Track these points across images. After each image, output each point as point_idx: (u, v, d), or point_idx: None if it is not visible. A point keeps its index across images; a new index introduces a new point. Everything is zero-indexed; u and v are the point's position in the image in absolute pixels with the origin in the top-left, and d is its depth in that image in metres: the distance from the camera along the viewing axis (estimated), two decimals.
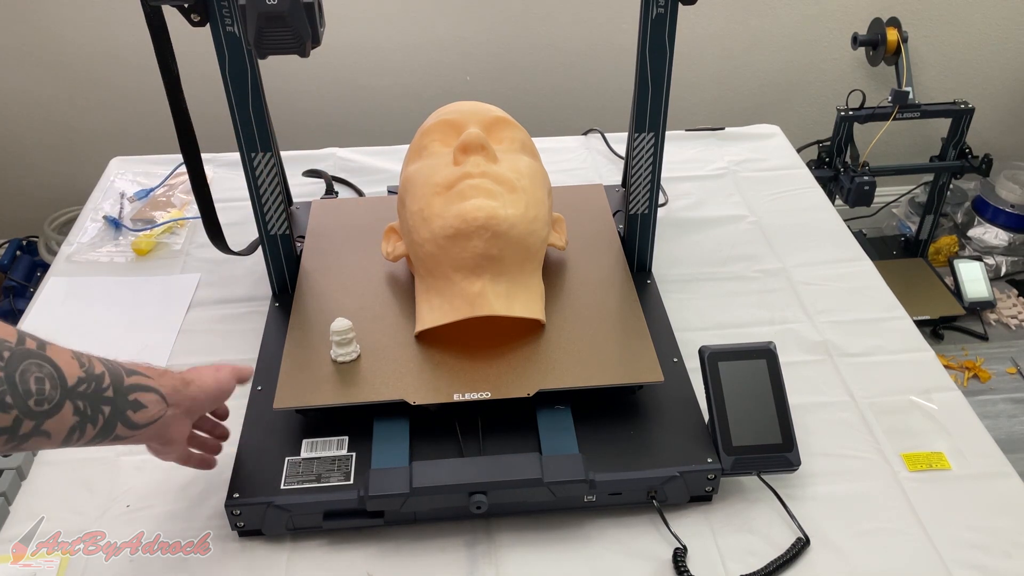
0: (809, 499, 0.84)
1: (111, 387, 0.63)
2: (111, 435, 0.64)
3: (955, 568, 0.77)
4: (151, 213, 1.29)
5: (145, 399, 0.66)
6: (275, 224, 1.01)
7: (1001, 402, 1.92)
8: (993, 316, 2.15)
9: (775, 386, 0.83)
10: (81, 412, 0.61)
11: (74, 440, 0.62)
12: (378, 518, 0.80)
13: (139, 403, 0.66)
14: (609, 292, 0.98)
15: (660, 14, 0.90)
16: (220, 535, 0.81)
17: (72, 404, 0.60)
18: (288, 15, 0.73)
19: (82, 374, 0.61)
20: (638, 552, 0.79)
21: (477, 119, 0.99)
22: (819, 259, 1.17)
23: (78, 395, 0.61)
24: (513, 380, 0.85)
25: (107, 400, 0.63)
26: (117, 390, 0.64)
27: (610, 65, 2.08)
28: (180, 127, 0.93)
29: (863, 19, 2.10)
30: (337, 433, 0.84)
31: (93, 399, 0.62)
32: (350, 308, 0.95)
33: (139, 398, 0.66)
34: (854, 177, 1.97)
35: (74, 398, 0.60)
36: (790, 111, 2.24)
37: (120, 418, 0.64)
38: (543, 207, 0.94)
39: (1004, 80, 2.26)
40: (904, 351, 1.02)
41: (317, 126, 2.10)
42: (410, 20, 1.98)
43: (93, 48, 1.96)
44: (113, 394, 0.64)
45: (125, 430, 0.65)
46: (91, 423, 0.62)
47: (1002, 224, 2.27)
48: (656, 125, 0.98)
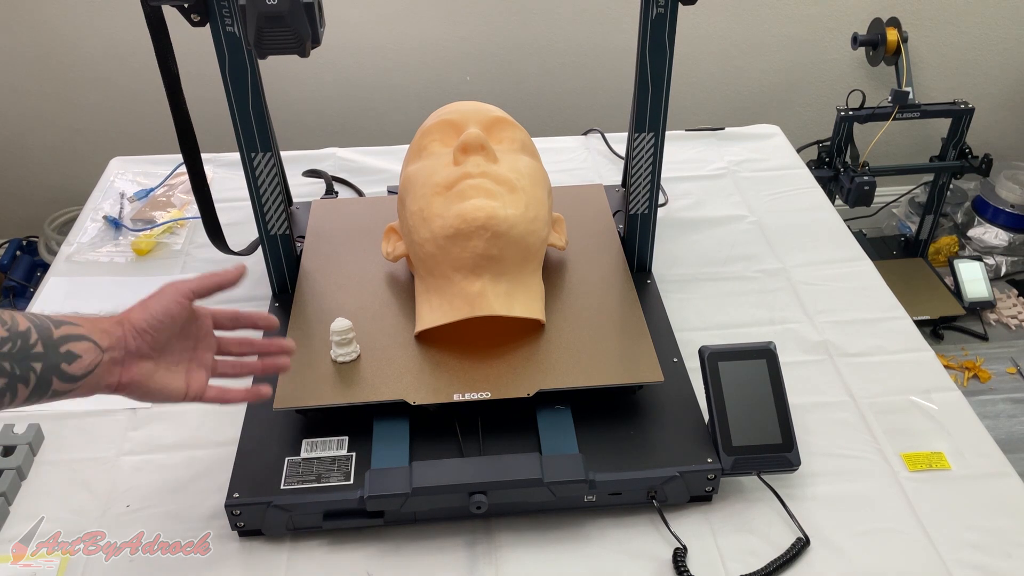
0: (809, 499, 0.84)
1: (39, 342, 0.61)
2: (48, 391, 0.62)
3: (955, 568, 0.77)
4: (151, 213, 1.29)
5: (78, 348, 0.63)
6: (275, 224, 1.01)
7: (1001, 402, 1.92)
8: (993, 316, 2.15)
9: (775, 386, 0.83)
10: (8, 373, 0.59)
11: (6, 403, 0.59)
12: (378, 518, 0.80)
13: (72, 353, 0.63)
14: (609, 292, 0.98)
15: (660, 14, 0.90)
16: (220, 535, 0.81)
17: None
18: (288, 15, 0.73)
19: (4, 333, 0.59)
20: (638, 552, 0.79)
21: (477, 119, 0.99)
22: (819, 259, 1.17)
23: (3, 356, 0.58)
24: (513, 380, 0.85)
25: (36, 356, 0.61)
26: (47, 344, 0.62)
27: (610, 65, 2.08)
28: (180, 127, 0.93)
29: (863, 19, 2.10)
30: (337, 433, 0.84)
31: (20, 358, 0.60)
32: (350, 308, 0.95)
33: (72, 348, 0.63)
34: (854, 177, 1.97)
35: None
36: (790, 111, 2.24)
37: (54, 372, 0.62)
38: (543, 207, 0.94)
39: (1004, 80, 2.26)
40: (904, 351, 1.02)
41: (317, 126, 2.10)
42: (410, 20, 1.98)
43: (93, 48, 1.96)
44: (43, 348, 0.61)
45: (62, 384, 0.63)
46: (22, 382, 0.60)
47: (1002, 224, 2.27)
48: (656, 125, 0.98)
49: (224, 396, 0.74)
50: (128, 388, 0.68)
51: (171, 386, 0.71)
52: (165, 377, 0.70)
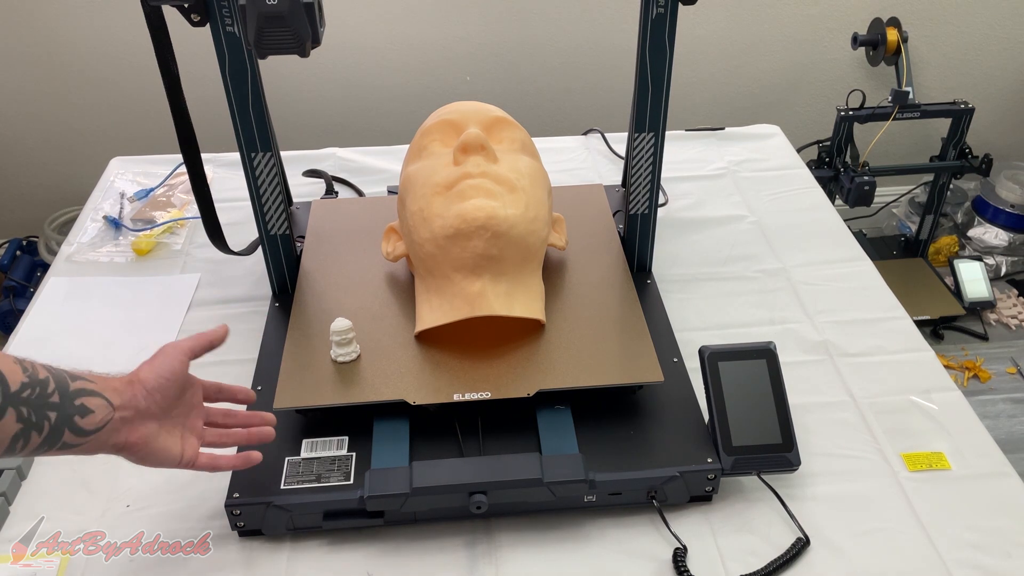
0: (809, 499, 0.84)
1: (56, 392, 0.61)
2: (59, 443, 0.62)
3: (955, 568, 0.77)
4: (151, 213, 1.29)
5: (91, 404, 0.64)
6: (275, 224, 1.01)
7: (1001, 402, 1.92)
8: (993, 316, 2.15)
9: (775, 386, 0.83)
10: (25, 419, 0.59)
11: (18, 449, 0.59)
12: (378, 518, 0.80)
13: (86, 408, 0.63)
14: (609, 292, 0.98)
15: (660, 14, 0.90)
16: (220, 535, 0.81)
17: (15, 411, 0.58)
18: (288, 15, 0.73)
19: (25, 379, 0.59)
20: (638, 552, 0.79)
21: (477, 119, 0.99)
22: (819, 259, 1.17)
23: (21, 401, 0.58)
24: (513, 380, 0.85)
25: (52, 406, 0.61)
26: (63, 395, 0.62)
27: (610, 65, 2.08)
28: (180, 127, 0.93)
29: (863, 19, 2.10)
30: (337, 433, 0.84)
31: (37, 405, 0.60)
32: (350, 308, 0.95)
33: (85, 403, 0.63)
34: (854, 177, 1.97)
35: (17, 404, 0.58)
36: (790, 111, 2.24)
37: (67, 424, 0.62)
38: (543, 207, 0.94)
39: (1004, 80, 2.26)
40: (904, 351, 1.02)
41: (317, 126, 2.10)
42: (410, 20, 1.98)
43: (93, 48, 1.96)
44: (59, 399, 0.61)
45: (73, 437, 0.63)
46: (36, 430, 0.60)
47: (1002, 224, 2.27)
48: (656, 125, 0.98)
49: (215, 463, 0.74)
50: (131, 448, 0.68)
51: (170, 450, 0.71)
52: (166, 440, 0.70)
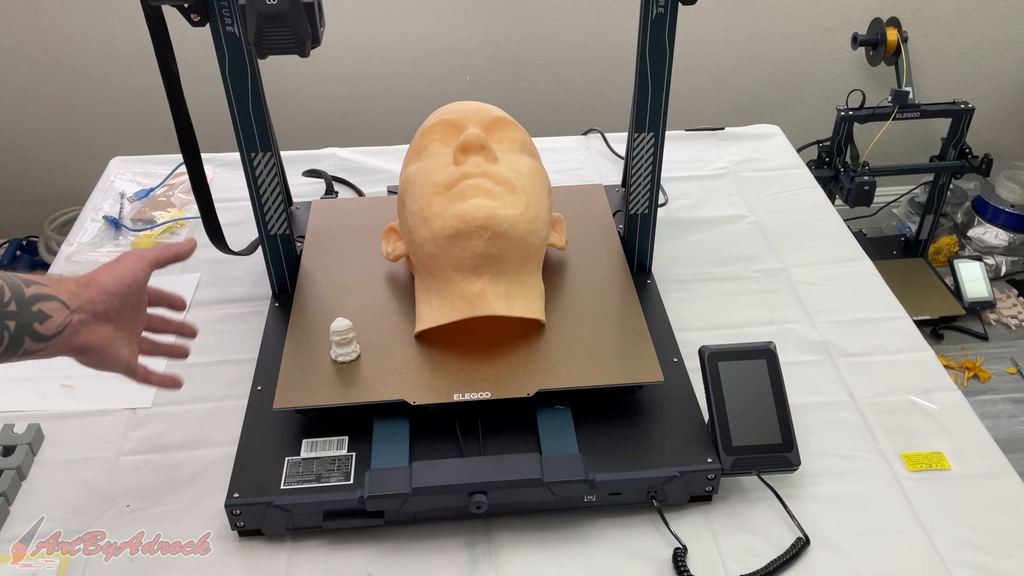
0: (809, 499, 0.84)
1: (13, 300, 0.61)
2: (20, 350, 0.62)
3: (955, 568, 0.77)
4: (151, 213, 1.29)
5: (49, 308, 0.64)
6: (275, 224, 1.01)
7: (1001, 402, 1.92)
8: (993, 316, 2.15)
9: (775, 386, 0.83)
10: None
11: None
12: (378, 518, 0.80)
13: (43, 313, 0.63)
14: (609, 292, 0.98)
15: (660, 14, 0.90)
16: (220, 535, 0.81)
17: None
18: (288, 15, 0.73)
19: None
20: (638, 552, 0.79)
21: (477, 119, 0.99)
22: (819, 259, 1.17)
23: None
24: (513, 380, 0.85)
25: (11, 315, 0.61)
26: (20, 303, 0.62)
27: (610, 65, 2.08)
28: (180, 127, 0.93)
29: (863, 19, 2.10)
30: (337, 433, 0.84)
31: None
32: (350, 308, 0.95)
33: (43, 308, 0.63)
34: (854, 177, 1.97)
35: None
36: (790, 111, 2.24)
37: (27, 331, 0.62)
38: (543, 207, 0.94)
39: (1004, 80, 2.26)
40: (904, 351, 1.02)
41: (317, 126, 2.10)
42: (410, 20, 1.98)
43: (93, 48, 1.96)
44: (16, 308, 0.61)
45: (33, 343, 0.63)
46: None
47: (1002, 224, 2.27)
48: (656, 125, 0.98)
49: (147, 377, 0.75)
50: (90, 351, 0.69)
51: (123, 354, 0.72)
52: (119, 345, 0.71)
